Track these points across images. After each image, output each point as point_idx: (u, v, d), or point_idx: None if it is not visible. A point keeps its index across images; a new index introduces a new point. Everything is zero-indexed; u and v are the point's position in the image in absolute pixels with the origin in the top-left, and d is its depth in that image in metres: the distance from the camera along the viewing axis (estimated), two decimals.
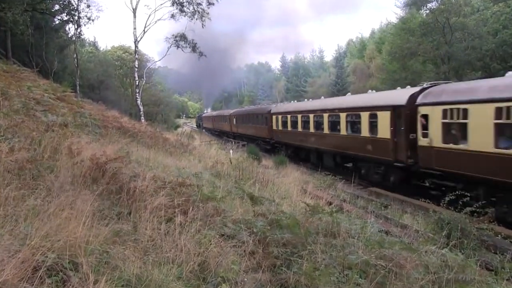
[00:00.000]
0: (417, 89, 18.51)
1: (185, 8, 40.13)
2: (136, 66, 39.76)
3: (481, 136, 13.74)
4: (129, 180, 6.65)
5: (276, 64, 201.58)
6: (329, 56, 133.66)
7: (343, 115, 23.57)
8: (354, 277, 4.96)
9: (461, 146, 14.80)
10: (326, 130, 25.86)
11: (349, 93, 29.07)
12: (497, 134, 13.20)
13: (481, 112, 13.73)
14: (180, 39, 41.35)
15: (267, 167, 25.06)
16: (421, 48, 44.91)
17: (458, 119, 14.89)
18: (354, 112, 22.57)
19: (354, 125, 22.58)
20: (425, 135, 16.71)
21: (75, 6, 38.35)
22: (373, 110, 20.64)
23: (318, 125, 27.08)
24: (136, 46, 39.74)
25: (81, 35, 45.65)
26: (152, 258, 4.40)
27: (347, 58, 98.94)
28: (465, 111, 14.47)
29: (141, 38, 40.73)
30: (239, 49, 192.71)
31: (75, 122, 12.23)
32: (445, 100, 15.73)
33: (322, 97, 35.53)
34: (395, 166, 19.14)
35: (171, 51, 42.67)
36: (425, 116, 16.72)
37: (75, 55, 41.35)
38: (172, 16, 40.39)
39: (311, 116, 28.12)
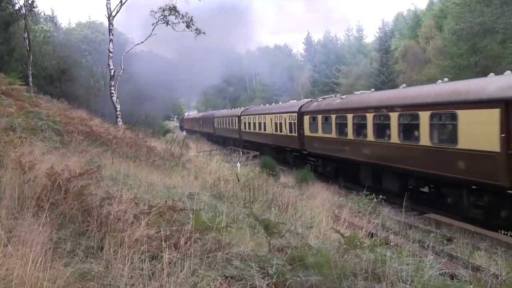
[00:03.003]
0: (243, 109, 68.14)
1: None
2: (111, 49, 39.48)
3: (252, 126, 57.59)
4: (101, 203, 6.64)
5: (299, 48, 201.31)
6: (370, 36, 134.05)
7: (220, 118, 77.92)
8: None
9: (248, 130, 59.52)
10: (227, 126, 72.15)
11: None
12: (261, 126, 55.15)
13: (251, 119, 58.60)
14: (170, 13, 41.37)
15: (287, 186, 25.09)
16: (500, 23, 43.85)
17: (251, 121, 58.46)
18: (229, 117, 71.13)
19: (230, 123, 69.36)
20: (244, 127, 61.61)
21: None
22: (232, 117, 68.86)
23: (222, 123, 76.65)
24: (110, 23, 39.58)
25: (34, 7, 45.60)
26: None
27: (395, 39, 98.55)
28: (253, 118, 57.86)
29: (117, 12, 40.72)
30: (249, 27, 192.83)
31: (27, 125, 12.26)
32: (245, 114, 62.39)
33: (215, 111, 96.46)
34: (240, 140, 63.08)
35: (158, 30, 42.75)
36: (242, 120, 62.70)
37: (25, 35, 41.34)
38: None
39: (218, 119, 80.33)
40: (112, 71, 39.28)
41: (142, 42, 46.65)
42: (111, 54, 39.08)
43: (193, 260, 5.41)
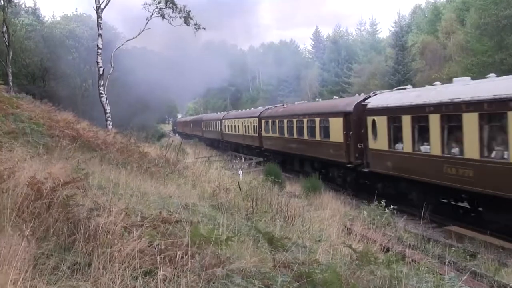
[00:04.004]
0: (224, 113, 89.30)
1: None
2: (100, 45, 39.27)
3: (230, 129, 74.50)
4: (88, 214, 6.63)
5: (306, 43, 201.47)
6: (385, 31, 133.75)
7: (207, 122, 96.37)
8: None
9: (227, 132, 76.29)
10: (212, 128, 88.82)
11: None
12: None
13: (229, 122, 74.59)
14: (166, 6, 41.25)
15: (293, 195, 25.11)
16: None
17: (229, 124, 74.83)
18: (213, 121, 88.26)
19: (214, 126, 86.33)
20: (224, 130, 78.22)
21: None
22: (215, 120, 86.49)
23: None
24: (99, 16, 39.40)
25: None
26: None
27: (412, 34, 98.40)
28: (230, 121, 74.87)
29: (106, 3, 40.50)
30: (251, 20, 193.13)
31: (6, 128, 12.27)
32: (225, 118, 78.92)
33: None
34: (222, 141, 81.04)
35: (153, 25, 42.69)
36: (223, 123, 78.47)
37: (4, 29, 41.13)
38: None
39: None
40: (101, 69, 39.01)
41: (134, 38, 46.30)
42: (99, 51, 38.78)
43: (190, 277, 5.40)
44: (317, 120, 38.38)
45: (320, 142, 37.70)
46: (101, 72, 39.00)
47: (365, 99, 32.12)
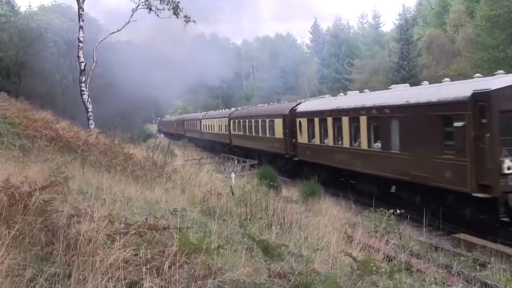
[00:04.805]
0: (204, 113, 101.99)
1: None
2: (81, 38, 39.00)
3: (207, 128, 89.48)
4: (68, 221, 6.60)
5: (304, 37, 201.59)
6: (389, 24, 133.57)
7: (189, 121, 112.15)
8: None
9: (205, 131, 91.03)
10: (193, 128, 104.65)
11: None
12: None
13: (207, 122, 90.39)
14: None
15: (290, 200, 25.14)
16: None
17: (207, 123, 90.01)
18: (194, 120, 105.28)
19: (194, 125, 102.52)
20: (203, 129, 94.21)
21: None
22: (195, 120, 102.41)
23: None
24: (80, 7, 39.15)
25: None
26: None
27: (417, 27, 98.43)
28: (207, 121, 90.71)
29: None
30: (244, 13, 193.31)
31: None
32: (204, 118, 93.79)
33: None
34: (201, 139, 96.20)
35: (138, 16, 42.57)
36: (202, 122, 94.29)
37: None
38: None
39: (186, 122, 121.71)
40: (83, 64, 38.66)
41: (118, 30, 45.91)
42: (81, 44, 38.43)
43: None
44: (267, 120, 51.98)
45: (270, 138, 51.09)
46: (82, 67, 38.60)
47: (297, 104, 46.17)
